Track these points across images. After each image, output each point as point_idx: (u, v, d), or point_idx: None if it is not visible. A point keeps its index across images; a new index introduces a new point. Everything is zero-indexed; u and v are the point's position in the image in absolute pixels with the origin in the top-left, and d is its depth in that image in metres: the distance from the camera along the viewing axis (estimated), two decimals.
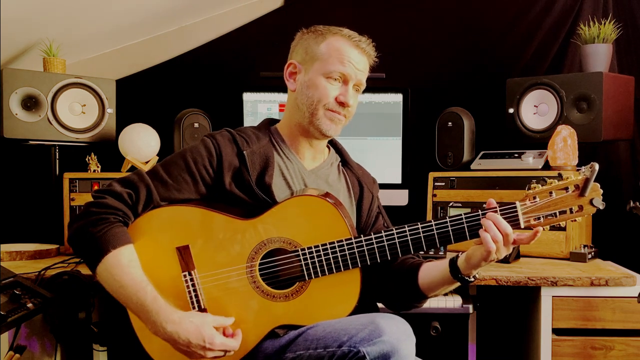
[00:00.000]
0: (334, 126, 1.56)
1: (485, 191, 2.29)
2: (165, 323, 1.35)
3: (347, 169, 1.71)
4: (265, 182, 1.51)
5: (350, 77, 1.55)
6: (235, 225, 1.47)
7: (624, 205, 1.72)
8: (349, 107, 1.56)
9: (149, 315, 1.36)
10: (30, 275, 1.83)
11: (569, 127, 2.19)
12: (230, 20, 2.74)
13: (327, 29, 1.58)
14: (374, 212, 1.69)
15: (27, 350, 1.85)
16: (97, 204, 1.42)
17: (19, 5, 2.04)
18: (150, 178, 1.47)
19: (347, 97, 1.54)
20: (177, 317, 1.36)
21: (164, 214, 1.48)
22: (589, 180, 1.34)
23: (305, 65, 1.58)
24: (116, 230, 1.39)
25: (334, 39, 1.56)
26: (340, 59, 1.54)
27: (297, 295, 1.45)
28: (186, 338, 1.35)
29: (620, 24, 2.47)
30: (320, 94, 1.54)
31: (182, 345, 1.35)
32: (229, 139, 1.55)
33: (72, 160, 2.43)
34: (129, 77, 2.72)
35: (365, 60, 1.59)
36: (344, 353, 1.27)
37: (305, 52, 1.59)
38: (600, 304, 1.87)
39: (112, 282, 1.38)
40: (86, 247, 1.39)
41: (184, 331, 1.34)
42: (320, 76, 1.55)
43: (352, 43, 1.55)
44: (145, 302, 1.36)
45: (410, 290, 1.52)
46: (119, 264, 1.37)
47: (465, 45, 2.71)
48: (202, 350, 1.36)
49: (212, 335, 1.36)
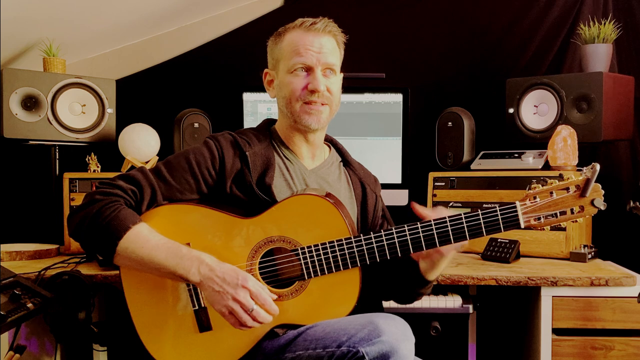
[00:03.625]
0: (314, 117, 1.54)
1: (485, 191, 2.29)
2: (200, 264, 1.34)
3: (349, 168, 1.70)
4: (265, 183, 1.51)
5: (312, 62, 1.52)
6: (235, 224, 1.47)
7: (624, 205, 1.72)
8: (322, 92, 1.53)
9: (182, 262, 1.35)
10: (30, 275, 1.83)
11: (569, 127, 2.19)
12: (230, 20, 2.74)
13: (285, 28, 1.58)
14: (379, 214, 1.69)
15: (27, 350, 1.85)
16: (102, 192, 1.42)
17: (19, 5, 2.04)
18: (154, 177, 1.47)
19: (315, 83, 1.52)
20: (213, 260, 1.36)
21: (165, 213, 1.48)
22: (590, 181, 1.34)
23: (275, 70, 1.59)
24: (129, 211, 1.40)
25: (289, 34, 1.56)
26: (296, 50, 1.53)
27: (297, 294, 1.45)
28: (221, 275, 1.33)
29: (620, 24, 2.47)
30: (288, 91, 1.54)
31: (218, 279, 1.33)
32: (230, 141, 1.55)
33: (72, 160, 2.43)
34: (129, 77, 2.72)
35: (327, 39, 1.55)
36: (343, 353, 1.27)
37: (272, 57, 1.60)
38: (600, 304, 1.87)
39: (139, 252, 1.36)
40: (102, 229, 1.37)
41: (219, 269, 1.34)
42: (285, 74, 1.55)
43: (303, 30, 1.54)
44: (180, 252, 1.36)
45: (413, 276, 1.52)
46: (141, 234, 1.38)
47: (465, 45, 2.71)
48: (235, 288, 1.33)
49: (246, 277, 1.34)
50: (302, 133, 1.59)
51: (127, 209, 1.40)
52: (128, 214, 1.39)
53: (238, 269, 1.36)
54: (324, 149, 1.69)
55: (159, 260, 1.37)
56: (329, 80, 1.55)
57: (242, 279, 1.33)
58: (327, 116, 1.57)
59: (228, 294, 1.33)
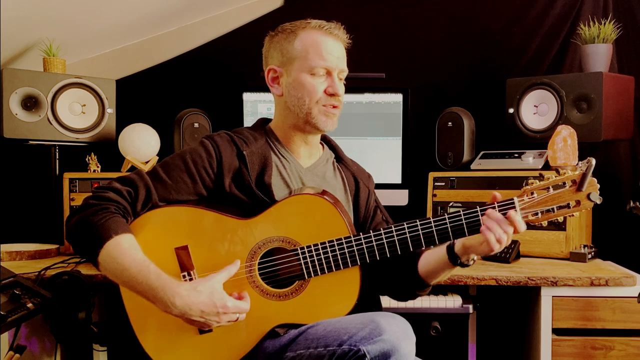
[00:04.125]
0: (330, 121, 1.56)
1: (485, 191, 2.29)
2: (174, 298, 1.32)
3: (342, 164, 1.70)
4: (264, 182, 1.51)
5: (333, 68, 1.54)
6: (233, 225, 1.47)
7: (624, 205, 1.72)
8: (339, 97, 1.56)
9: (155, 293, 1.34)
10: (30, 275, 1.83)
11: (569, 127, 2.18)
12: (230, 20, 2.74)
13: (295, 26, 1.57)
14: (372, 206, 1.68)
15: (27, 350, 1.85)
16: (96, 197, 1.42)
17: (19, 5, 2.04)
18: (150, 178, 1.47)
19: (335, 87, 1.54)
20: (184, 289, 1.34)
21: (163, 215, 1.48)
22: (586, 175, 1.35)
23: (285, 68, 1.57)
24: (117, 219, 1.39)
25: (306, 33, 1.55)
26: (318, 52, 1.53)
27: (297, 294, 1.45)
28: (198, 309, 1.33)
29: (620, 24, 2.46)
30: (310, 92, 1.54)
31: (196, 316, 1.34)
32: (227, 141, 1.55)
33: (72, 160, 2.43)
34: (129, 77, 2.72)
35: (341, 46, 1.58)
36: (344, 352, 1.27)
37: (281, 54, 1.58)
38: (600, 304, 1.87)
39: (114, 266, 1.36)
40: (87, 235, 1.38)
41: (194, 303, 1.33)
42: (304, 74, 1.54)
43: (324, 32, 1.55)
44: (149, 280, 1.34)
45: (412, 278, 1.52)
46: (120, 248, 1.36)
47: (465, 45, 2.71)
48: (217, 316, 1.35)
49: (223, 300, 1.35)
50: (305, 133, 1.59)
51: (115, 217, 1.39)
52: (113, 223, 1.38)
53: (212, 291, 1.35)
54: (318, 147, 1.69)
55: (131, 286, 1.37)
56: (341, 84, 1.58)
57: (221, 306, 1.34)
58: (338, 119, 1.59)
59: (211, 320, 1.35)
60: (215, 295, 1.35)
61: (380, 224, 1.65)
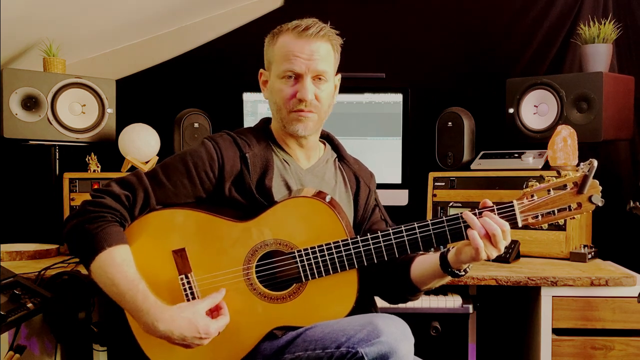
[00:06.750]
0: (302, 125, 1.52)
1: (485, 191, 2.29)
2: (157, 322, 1.34)
3: (344, 163, 1.69)
4: (265, 185, 1.50)
5: (302, 70, 1.49)
6: (231, 227, 1.46)
7: (624, 205, 1.72)
8: (310, 101, 1.50)
9: (140, 315, 1.35)
10: (30, 275, 1.83)
11: (569, 127, 2.18)
12: (230, 20, 2.74)
13: (280, 29, 1.55)
14: (371, 206, 1.67)
15: (27, 350, 1.85)
16: (94, 202, 1.41)
17: (19, 5, 2.04)
18: (149, 181, 1.46)
19: (303, 92, 1.49)
20: (169, 315, 1.35)
21: (161, 217, 1.47)
22: (588, 177, 1.32)
23: (268, 71, 1.58)
24: (112, 229, 1.39)
25: (282, 37, 1.52)
26: (285, 56, 1.50)
27: (295, 296, 1.44)
28: (180, 334, 1.34)
29: (620, 24, 2.46)
30: (278, 97, 1.53)
31: (178, 340, 1.35)
32: (230, 142, 1.53)
33: (72, 160, 2.43)
34: (129, 77, 2.72)
35: (320, 45, 1.50)
36: (342, 354, 1.27)
37: (266, 57, 1.58)
38: (600, 304, 1.87)
39: (105, 279, 1.37)
40: (81, 243, 1.38)
41: (177, 328, 1.34)
42: (276, 79, 1.53)
43: (295, 35, 1.50)
44: (136, 300, 1.35)
45: (403, 283, 1.51)
46: (112, 262, 1.36)
47: (465, 45, 2.71)
48: (199, 340, 1.36)
49: (206, 325, 1.36)
50: (294, 138, 1.58)
51: (111, 226, 1.39)
52: (107, 233, 1.37)
53: (196, 317, 1.35)
54: (319, 147, 1.68)
55: (119, 301, 1.38)
56: (318, 87, 1.52)
57: (204, 332, 1.35)
58: (315, 123, 1.55)
59: (194, 344, 1.37)
60: (198, 320, 1.35)
61: (377, 223, 1.65)
